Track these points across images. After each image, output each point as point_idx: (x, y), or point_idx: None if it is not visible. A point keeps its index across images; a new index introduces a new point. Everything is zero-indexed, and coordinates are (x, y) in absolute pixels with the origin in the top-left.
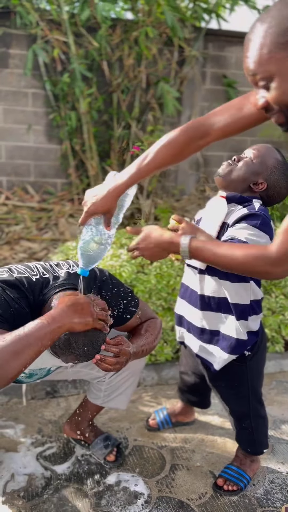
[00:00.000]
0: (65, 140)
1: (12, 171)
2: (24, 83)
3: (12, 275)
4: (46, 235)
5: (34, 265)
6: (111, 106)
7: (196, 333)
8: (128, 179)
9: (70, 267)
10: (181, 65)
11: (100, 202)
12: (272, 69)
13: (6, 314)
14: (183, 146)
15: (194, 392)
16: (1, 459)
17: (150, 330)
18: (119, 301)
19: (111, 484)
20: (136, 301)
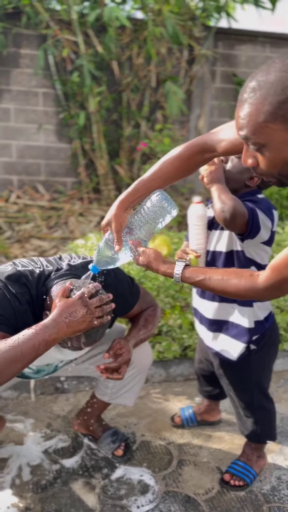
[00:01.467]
0: (75, 139)
1: (23, 170)
2: (35, 82)
3: (15, 268)
4: (56, 233)
5: (37, 259)
6: (121, 105)
7: (206, 323)
8: (132, 190)
9: (72, 259)
10: (191, 63)
11: (107, 213)
12: (266, 139)
13: (7, 313)
14: (188, 161)
15: (209, 382)
16: (10, 453)
17: (150, 320)
18: (122, 290)
19: (119, 478)
20: (138, 289)
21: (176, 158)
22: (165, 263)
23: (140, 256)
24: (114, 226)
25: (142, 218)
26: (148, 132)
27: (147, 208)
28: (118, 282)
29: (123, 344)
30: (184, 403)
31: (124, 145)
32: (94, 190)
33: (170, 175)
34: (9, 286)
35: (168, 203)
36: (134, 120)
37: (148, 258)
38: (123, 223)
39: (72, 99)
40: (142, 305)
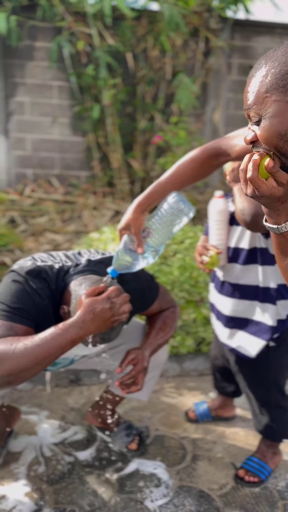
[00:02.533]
0: (89, 133)
1: (37, 164)
2: (50, 75)
3: (35, 264)
4: (70, 227)
5: (57, 254)
6: (135, 97)
7: (223, 320)
8: (149, 193)
9: (91, 255)
10: (207, 56)
11: (123, 216)
12: (264, 109)
13: (29, 308)
14: (203, 164)
15: (225, 378)
16: (25, 444)
17: (168, 322)
18: (140, 286)
19: (133, 471)
20: (157, 286)
21: (192, 161)
22: None
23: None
24: (134, 229)
25: (160, 221)
26: (163, 125)
27: (164, 211)
28: (136, 278)
29: (136, 354)
30: (198, 398)
31: (138, 138)
32: (108, 184)
33: (186, 177)
34: (30, 281)
35: (185, 205)
36: (148, 113)
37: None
38: (141, 226)
39: (86, 92)
40: (161, 304)
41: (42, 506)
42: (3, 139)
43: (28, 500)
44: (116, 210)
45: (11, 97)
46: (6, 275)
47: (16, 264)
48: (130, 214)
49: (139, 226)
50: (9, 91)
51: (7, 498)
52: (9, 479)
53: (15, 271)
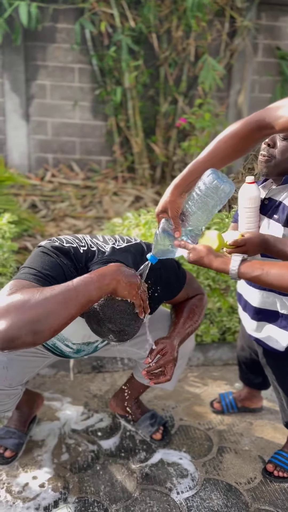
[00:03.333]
0: (110, 116)
1: (58, 148)
2: (71, 58)
3: (61, 244)
4: (90, 212)
5: (82, 237)
6: (158, 80)
7: (251, 312)
8: (186, 173)
9: (116, 242)
10: (232, 36)
11: (161, 199)
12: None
13: (60, 278)
14: (245, 138)
15: (251, 370)
16: (48, 431)
17: (196, 310)
18: (167, 274)
19: (157, 462)
20: (184, 274)
21: (233, 135)
22: (218, 258)
23: (190, 253)
24: (171, 213)
25: (196, 203)
26: (186, 109)
27: (201, 191)
28: (163, 266)
29: (166, 345)
30: (223, 388)
31: (160, 122)
32: (129, 169)
33: (227, 154)
34: (60, 257)
35: (223, 183)
36: (171, 96)
37: (199, 254)
38: (179, 209)
39: (108, 75)
40: (188, 291)
41: (66, 495)
42: (24, 123)
43: (52, 489)
44: (137, 195)
45: (32, 81)
46: (35, 250)
47: (43, 242)
48: (167, 197)
49: (176, 209)
50: (30, 74)
51: (30, 486)
52: (32, 466)
53: (44, 247)
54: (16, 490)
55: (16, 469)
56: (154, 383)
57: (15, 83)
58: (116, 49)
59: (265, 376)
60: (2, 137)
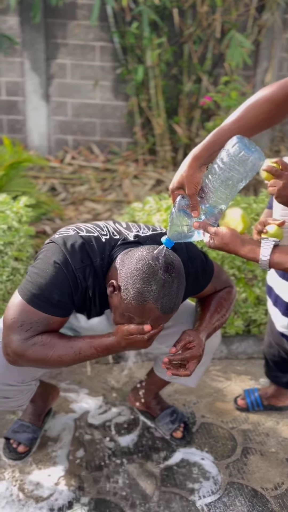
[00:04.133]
0: (131, 96)
1: (78, 130)
2: (92, 35)
3: (78, 234)
4: (110, 196)
5: (104, 225)
6: (182, 58)
7: (282, 307)
8: (208, 143)
9: (141, 230)
10: (260, 11)
11: (176, 173)
12: None
13: (66, 297)
14: (282, 103)
15: (280, 368)
16: (63, 425)
17: (224, 304)
18: (194, 268)
19: (178, 463)
20: (212, 267)
21: (266, 101)
22: (247, 244)
23: (212, 238)
24: (188, 189)
25: (218, 178)
26: (210, 88)
27: (224, 164)
28: (190, 259)
29: (193, 337)
30: (247, 383)
31: (184, 102)
32: (150, 151)
33: (258, 122)
34: (70, 261)
35: (251, 153)
36: (195, 74)
37: (223, 239)
38: (198, 184)
39: (130, 53)
40: (216, 285)
41: (80, 496)
42: (44, 103)
43: (66, 488)
44: (158, 179)
45: (52, 59)
46: (46, 245)
47: (58, 234)
48: (185, 170)
49: (195, 184)
50: (50, 53)
51: (43, 484)
52: (46, 462)
53: (55, 243)
54: (29, 489)
55: (30, 465)
56: (172, 374)
57: (35, 62)
58: (138, 25)
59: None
60: (22, 118)
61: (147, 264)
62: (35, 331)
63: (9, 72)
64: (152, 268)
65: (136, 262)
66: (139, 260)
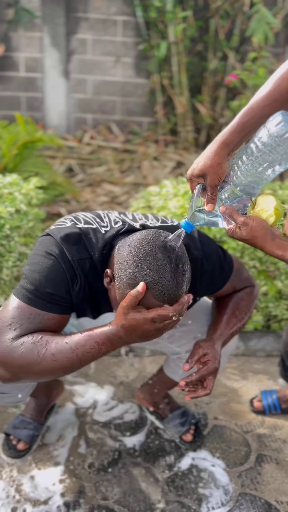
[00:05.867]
0: (154, 74)
1: (97, 109)
2: (114, 9)
3: (75, 226)
4: (129, 178)
5: (105, 215)
6: (207, 34)
7: None
8: (238, 125)
9: (148, 220)
10: None
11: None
12: None
13: (62, 291)
14: None
15: None
16: (67, 422)
17: (242, 306)
18: (210, 266)
19: (186, 469)
20: (231, 265)
21: None
22: (277, 240)
23: (239, 228)
24: (211, 180)
25: (255, 160)
26: (237, 66)
27: (263, 144)
28: (206, 256)
29: (208, 349)
30: (265, 384)
31: (208, 80)
32: (171, 132)
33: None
34: (66, 252)
35: None
36: (221, 51)
37: (253, 232)
38: (223, 176)
39: (153, 28)
40: (235, 284)
41: (81, 501)
42: (63, 81)
43: (66, 491)
44: (179, 161)
45: (72, 34)
46: (40, 239)
47: (54, 225)
48: (211, 158)
49: (220, 175)
50: (71, 27)
51: (42, 486)
52: (46, 462)
53: (51, 236)
54: (27, 491)
55: (29, 464)
56: (190, 398)
57: (55, 38)
58: None
59: None
60: (40, 96)
61: (139, 246)
62: (26, 330)
63: (28, 48)
64: (145, 250)
65: (128, 246)
66: (132, 243)
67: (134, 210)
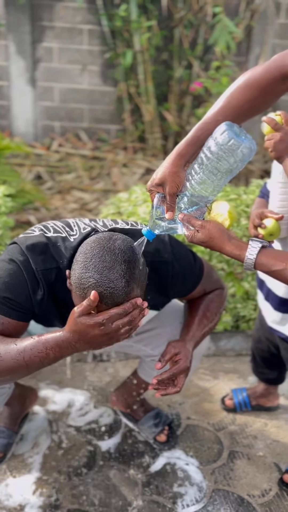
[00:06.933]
0: (120, 82)
1: (65, 116)
2: (80, 18)
3: (43, 235)
4: (98, 185)
5: (74, 223)
6: (172, 43)
7: (274, 302)
8: (192, 138)
9: (118, 224)
10: None
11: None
12: None
13: (21, 297)
14: (265, 89)
15: (268, 364)
16: (41, 428)
17: (213, 307)
18: (180, 269)
19: (161, 469)
20: (201, 268)
21: (250, 86)
22: (233, 241)
23: (197, 231)
24: (170, 188)
25: (205, 168)
26: (201, 74)
27: (211, 153)
28: (176, 259)
29: (179, 349)
30: (235, 382)
31: (174, 88)
32: (139, 139)
33: (243, 110)
34: (31, 261)
35: (241, 141)
36: (185, 60)
37: (210, 234)
38: (181, 184)
39: (118, 37)
40: (205, 286)
41: (57, 506)
42: (30, 89)
43: (42, 498)
44: (147, 167)
45: (38, 43)
46: (8, 247)
47: (23, 234)
48: (168, 168)
49: (177, 184)
50: (37, 36)
51: (17, 493)
52: (22, 469)
53: (17, 244)
54: (1, 498)
55: (4, 473)
56: (161, 395)
57: (21, 46)
58: (127, 8)
59: (280, 370)
60: (7, 104)
61: (89, 248)
62: None
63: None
64: (93, 252)
65: (81, 247)
66: (84, 245)
67: (104, 216)
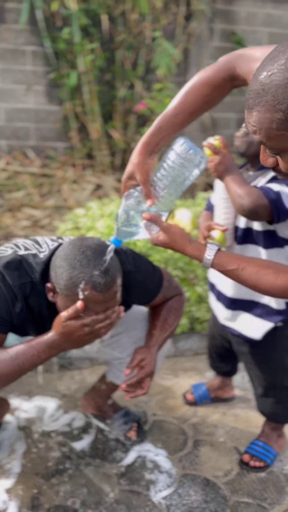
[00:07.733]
0: (66, 101)
1: (11, 135)
2: (23, 39)
3: (16, 252)
4: (49, 202)
5: (43, 240)
6: (114, 64)
7: (225, 302)
8: (155, 129)
9: None
10: (188, 20)
11: (128, 165)
12: (283, 145)
13: (1, 312)
14: (217, 87)
15: (222, 359)
16: (16, 436)
17: (173, 312)
18: (141, 278)
19: (133, 462)
20: (160, 277)
21: (204, 84)
22: (193, 243)
23: (161, 233)
24: (140, 176)
25: (168, 176)
26: (144, 93)
27: (171, 162)
28: (137, 269)
29: (145, 354)
30: (194, 378)
31: (118, 107)
32: (88, 156)
33: (197, 106)
34: (7, 277)
35: (197, 151)
36: (128, 80)
37: (173, 236)
38: (150, 171)
39: (62, 58)
40: (165, 293)
41: (38, 505)
42: None
43: (22, 500)
44: (97, 183)
45: None
46: None
47: None
48: (135, 158)
49: (146, 171)
50: None
51: None
52: (0, 476)
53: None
54: None
55: None
56: (130, 398)
57: None
58: (70, 31)
59: (233, 363)
60: None
61: (68, 251)
62: None
63: None
64: (72, 253)
65: (58, 254)
66: (60, 251)
67: (62, 232)
